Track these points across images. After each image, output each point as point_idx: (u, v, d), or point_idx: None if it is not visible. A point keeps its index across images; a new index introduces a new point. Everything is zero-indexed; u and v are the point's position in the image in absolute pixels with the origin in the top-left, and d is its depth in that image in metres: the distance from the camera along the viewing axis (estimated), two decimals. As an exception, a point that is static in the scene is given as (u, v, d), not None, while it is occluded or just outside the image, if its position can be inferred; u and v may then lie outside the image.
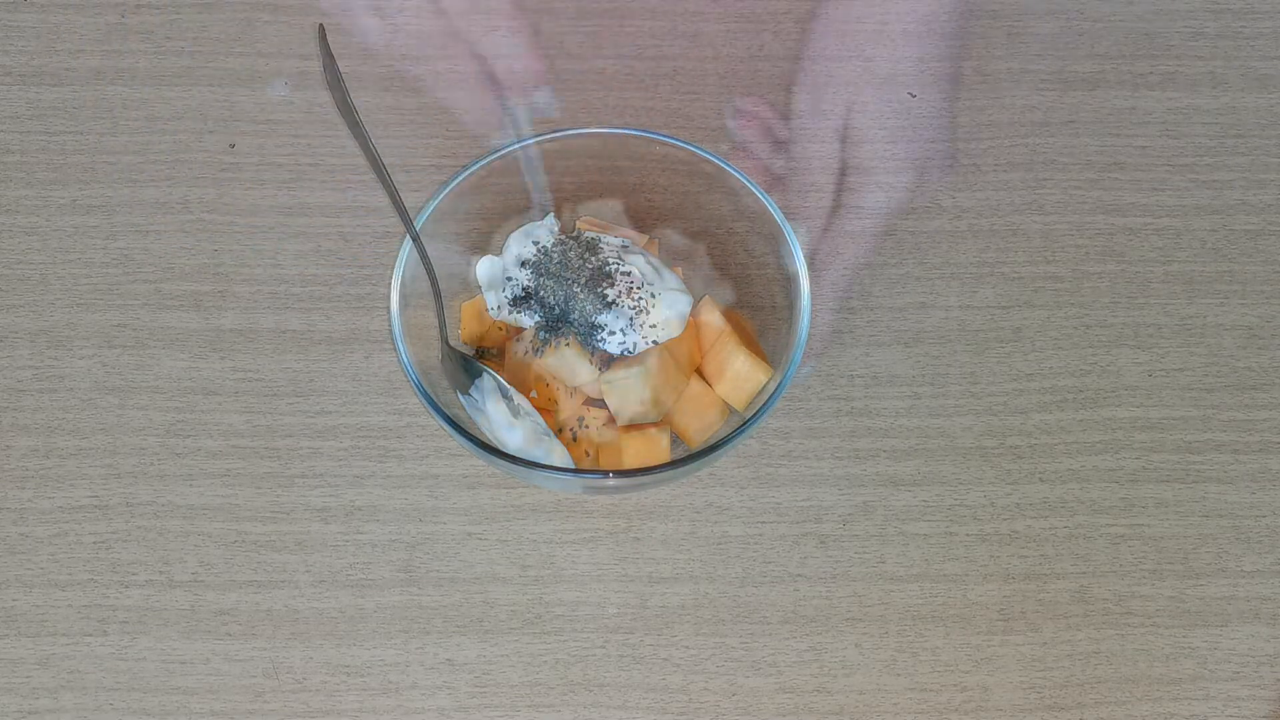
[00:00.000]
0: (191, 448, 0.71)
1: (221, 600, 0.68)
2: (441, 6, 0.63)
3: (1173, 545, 0.69)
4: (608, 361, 0.64)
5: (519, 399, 0.65)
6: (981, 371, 0.73)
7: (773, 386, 0.63)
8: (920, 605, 0.68)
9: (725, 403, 0.66)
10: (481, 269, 0.68)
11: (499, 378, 0.65)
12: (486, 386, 0.65)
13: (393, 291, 0.64)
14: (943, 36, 0.64)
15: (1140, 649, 0.67)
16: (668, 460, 0.64)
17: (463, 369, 0.66)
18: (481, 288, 0.69)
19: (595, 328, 0.64)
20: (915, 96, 0.64)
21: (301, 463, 0.70)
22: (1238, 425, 0.72)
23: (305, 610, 0.68)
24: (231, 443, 0.71)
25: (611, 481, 0.62)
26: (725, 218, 0.69)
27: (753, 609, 0.68)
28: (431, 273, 0.65)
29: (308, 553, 0.69)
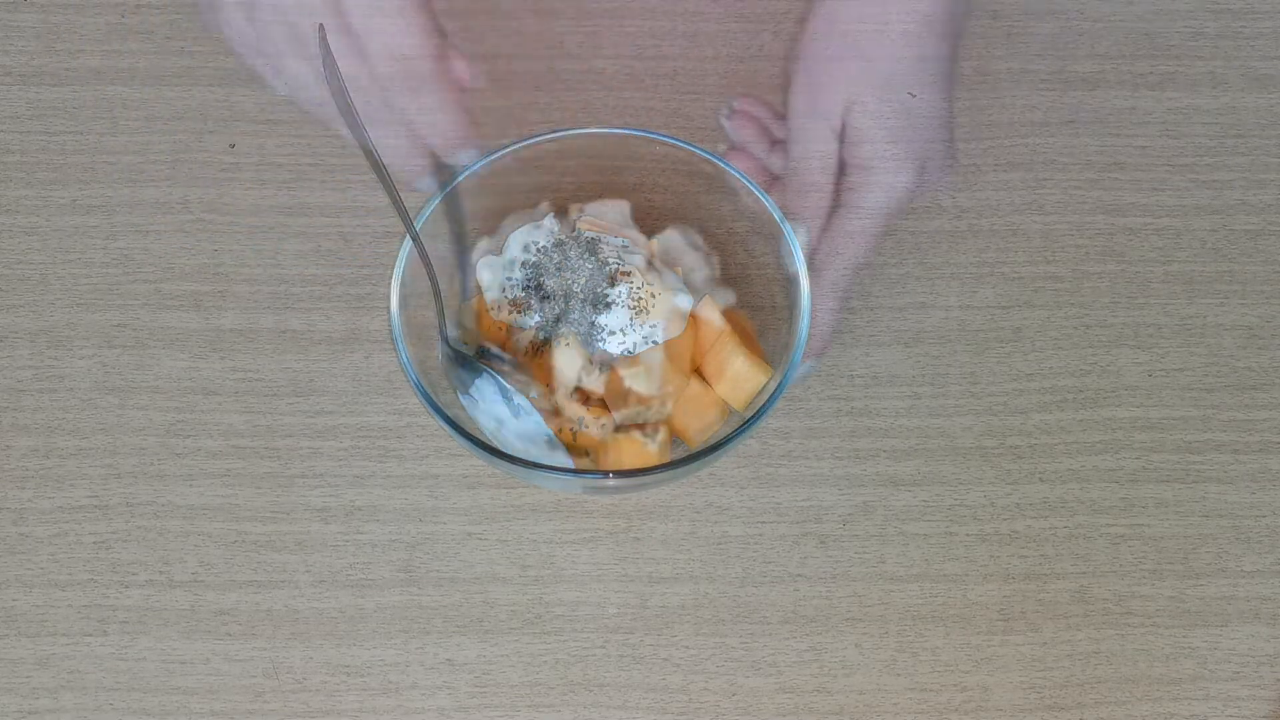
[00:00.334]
0: (191, 448, 0.71)
1: (221, 600, 0.68)
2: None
3: (1173, 545, 0.69)
4: (608, 362, 0.64)
5: (519, 399, 0.65)
6: (981, 371, 0.73)
7: (773, 386, 0.63)
8: (920, 605, 0.68)
9: (725, 403, 0.66)
10: (482, 269, 0.68)
11: (499, 377, 0.65)
12: (486, 386, 0.65)
13: (393, 292, 0.64)
14: (943, 37, 0.64)
15: (1140, 649, 0.67)
16: (666, 460, 0.64)
17: (463, 368, 0.66)
18: (482, 288, 0.69)
19: (595, 328, 0.64)
20: (915, 96, 0.64)
21: (301, 463, 0.70)
22: (1238, 425, 0.72)
23: (305, 610, 0.68)
24: (231, 443, 0.71)
25: (611, 482, 0.62)
26: (725, 218, 0.69)
27: (753, 609, 0.68)
28: (431, 273, 0.65)
29: (308, 553, 0.69)
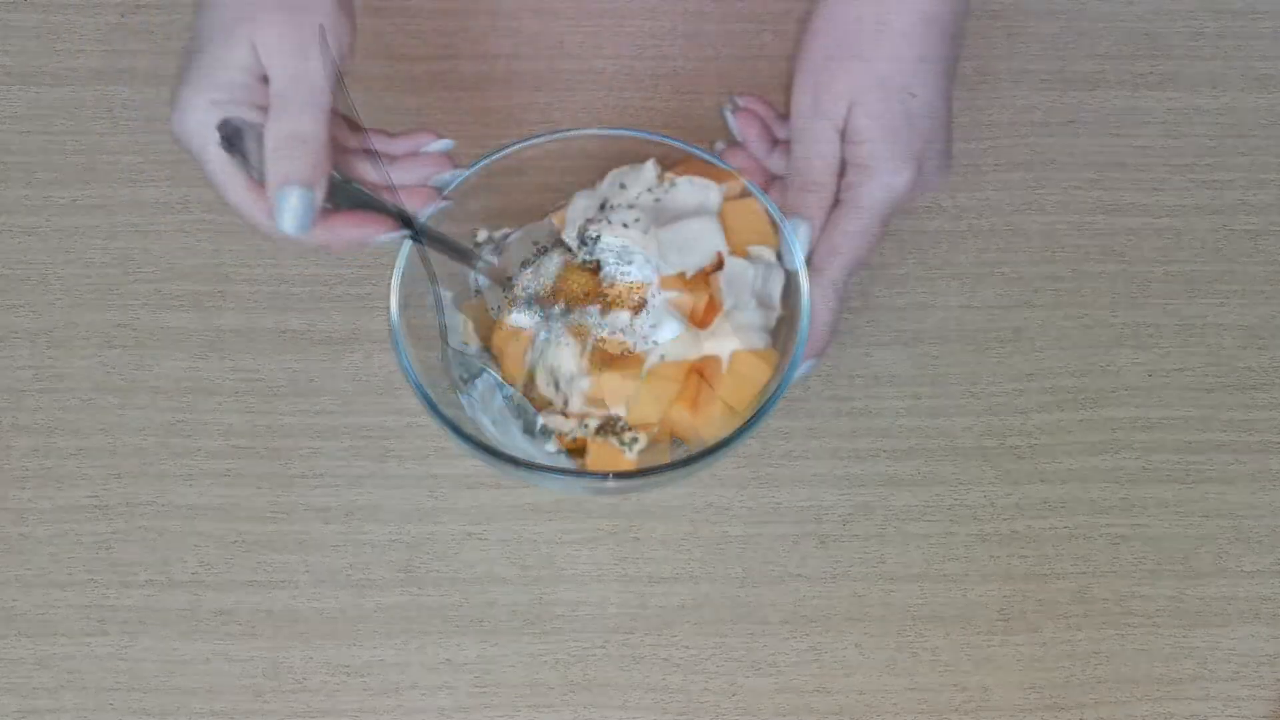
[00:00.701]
0: (191, 448, 0.71)
1: (221, 600, 0.68)
2: None
3: (1173, 545, 0.69)
4: (607, 361, 0.64)
5: (519, 398, 0.65)
6: (981, 371, 0.73)
7: (773, 386, 0.63)
8: (920, 605, 0.68)
9: (725, 403, 0.65)
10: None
11: (498, 376, 0.65)
12: (486, 385, 0.65)
13: (392, 292, 0.64)
14: (944, 37, 0.64)
15: (1140, 649, 0.67)
16: (666, 461, 0.64)
17: (463, 367, 0.66)
18: (482, 288, 0.69)
19: (594, 328, 0.64)
20: (915, 96, 0.64)
21: (301, 463, 0.70)
22: (1238, 425, 0.72)
23: (305, 610, 0.68)
24: (231, 443, 0.71)
25: (611, 483, 0.62)
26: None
27: (753, 609, 0.68)
28: (431, 272, 0.65)
29: (308, 553, 0.69)
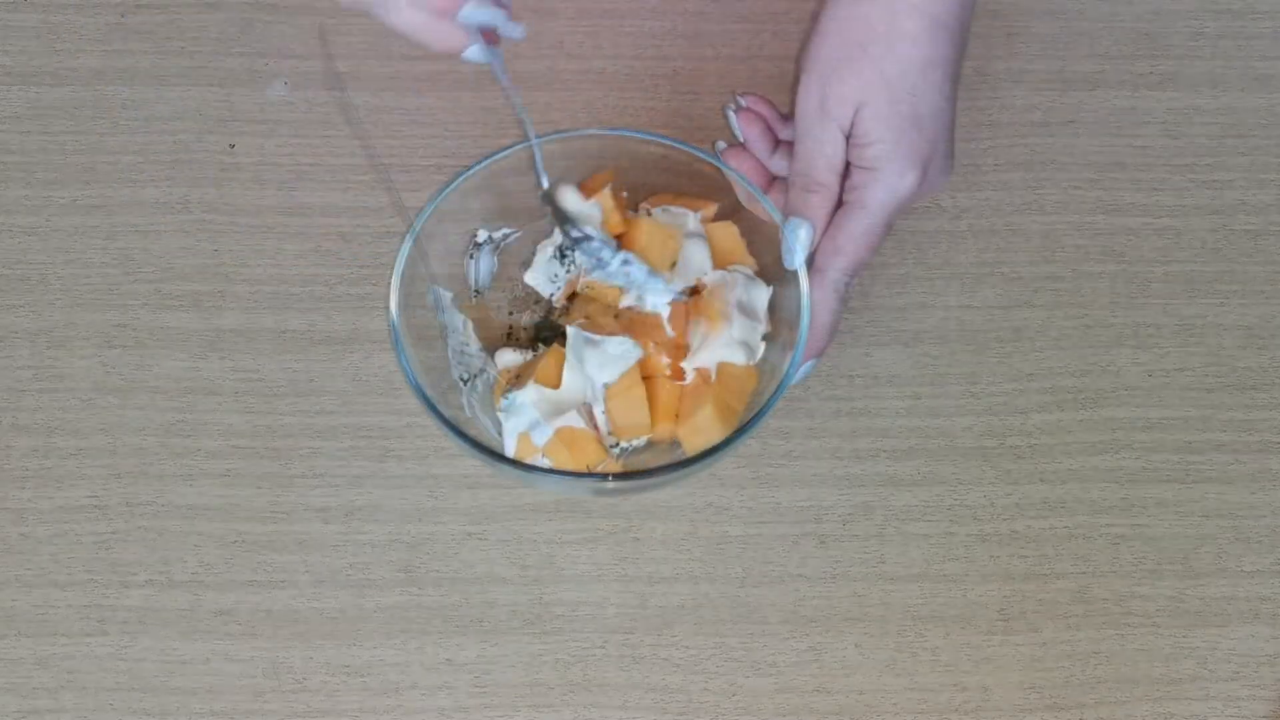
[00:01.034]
0: (191, 448, 0.71)
1: (221, 600, 0.68)
2: None
3: (1173, 545, 0.69)
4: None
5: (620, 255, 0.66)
6: (981, 371, 0.73)
7: (773, 387, 0.63)
8: (920, 605, 0.68)
9: (724, 403, 0.65)
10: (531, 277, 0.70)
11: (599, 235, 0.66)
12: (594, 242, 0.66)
13: (392, 292, 0.64)
14: (951, 40, 0.64)
15: (1140, 649, 0.67)
16: (666, 461, 0.64)
17: (463, 367, 0.66)
18: (483, 289, 0.69)
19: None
20: (915, 96, 0.64)
21: (301, 463, 0.70)
22: (1238, 425, 0.72)
23: (305, 610, 0.68)
24: (231, 443, 0.71)
25: (611, 484, 0.62)
26: (724, 218, 0.69)
27: (753, 609, 0.68)
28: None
29: (308, 553, 0.69)
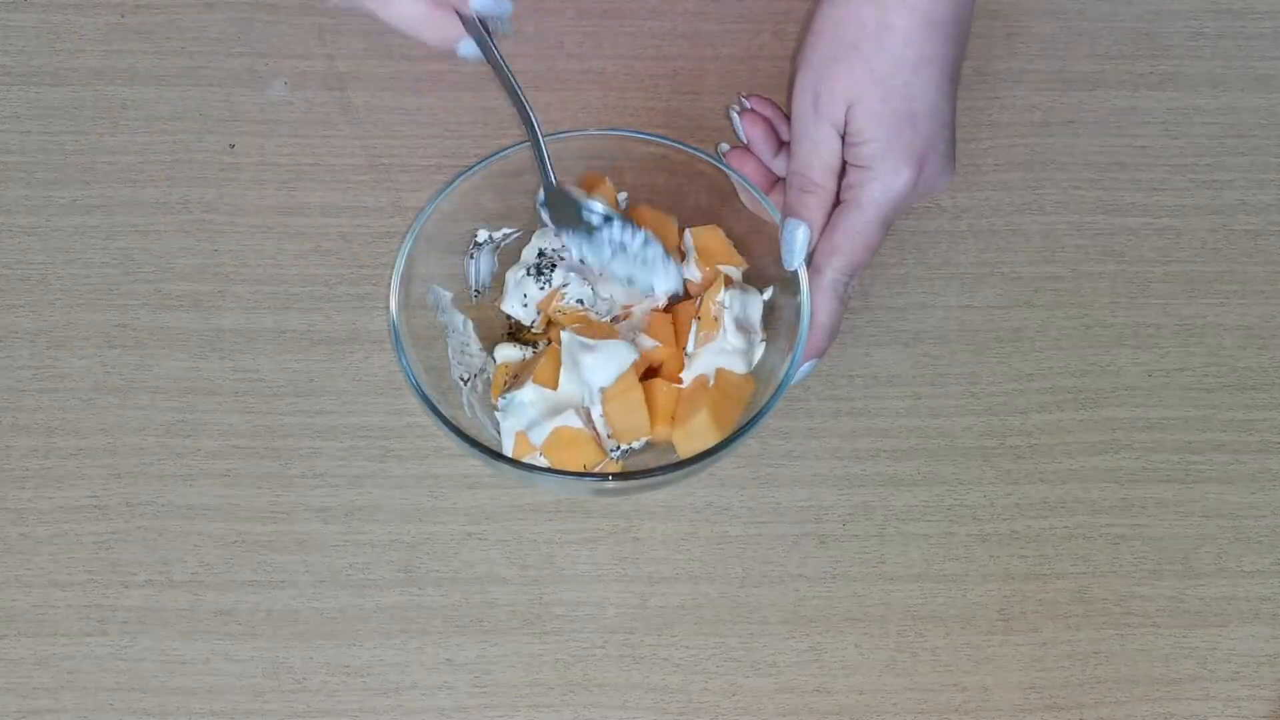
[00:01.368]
0: (191, 448, 0.71)
1: (221, 600, 0.68)
2: None
3: (1173, 545, 0.69)
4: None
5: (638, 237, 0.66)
6: (981, 371, 0.73)
7: (772, 387, 0.63)
8: (920, 605, 0.68)
9: (720, 409, 0.65)
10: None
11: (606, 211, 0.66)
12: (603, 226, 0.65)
13: (392, 292, 0.64)
14: (948, 39, 0.64)
15: (1140, 649, 0.67)
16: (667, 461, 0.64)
17: (463, 367, 0.66)
18: (482, 289, 0.69)
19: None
20: (909, 93, 0.64)
21: (301, 463, 0.70)
22: (1238, 425, 0.72)
23: (305, 610, 0.68)
24: (231, 443, 0.71)
25: (611, 484, 0.62)
26: (724, 219, 0.69)
27: (753, 609, 0.68)
28: (516, 91, 0.63)
29: (308, 553, 0.69)
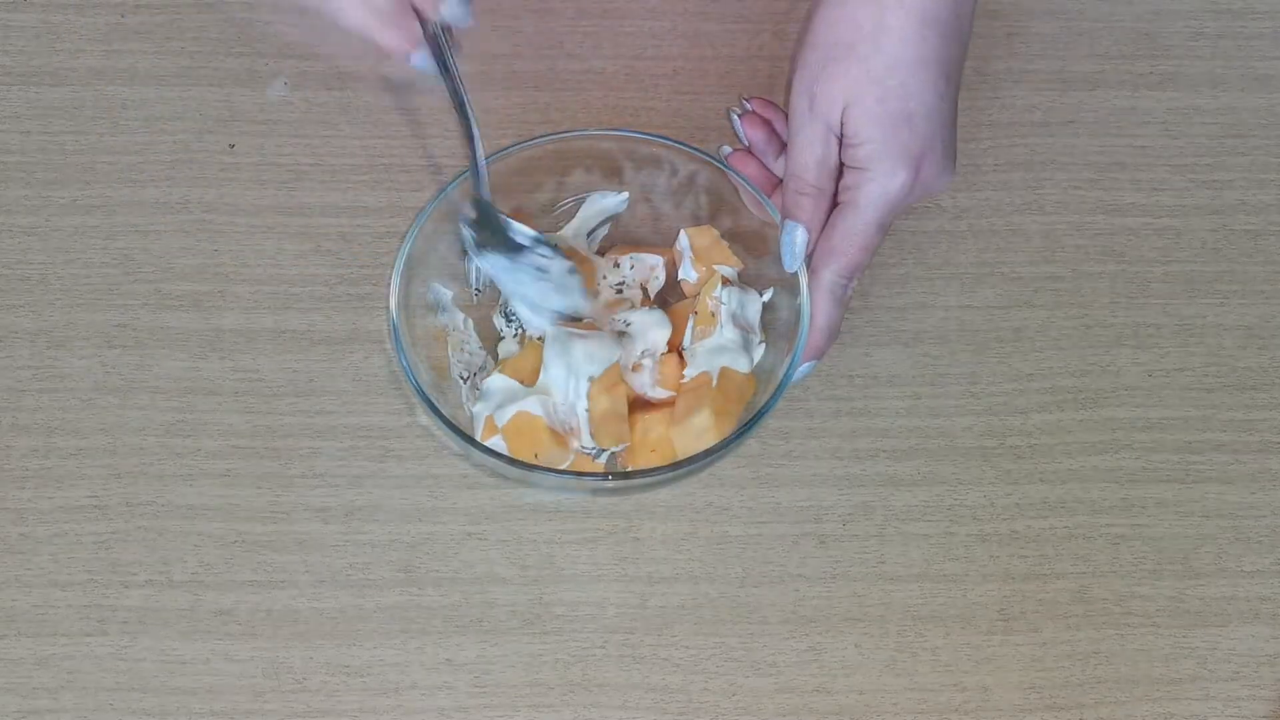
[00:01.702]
0: (191, 448, 0.71)
1: (221, 600, 0.68)
2: None
3: (1173, 545, 0.69)
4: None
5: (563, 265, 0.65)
6: (981, 371, 0.73)
7: (772, 387, 0.63)
8: (920, 605, 0.68)
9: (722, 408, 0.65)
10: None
11: (541, 238, 0.65)
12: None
13: (392, 292, 0.64)
14: (945, 39, 0.64)
15: (1140, 649, 0.67)
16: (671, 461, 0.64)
17: (463, 365, 0.66)
18: (483, 288, 0.69)
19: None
20: (905, 94, 0.64)
21: (301, 463, 0.70)
22: (1238, 425, 0.72)
23: (305, 610, 0.68)
24: (231, 443, 0.71)
25: (610, 484, 0.62)
26: (724, 219, 0.69)
27: (753, 609, 0.68)
28: (464, 104, 0.61)
29: (308, 553, 0.69)
